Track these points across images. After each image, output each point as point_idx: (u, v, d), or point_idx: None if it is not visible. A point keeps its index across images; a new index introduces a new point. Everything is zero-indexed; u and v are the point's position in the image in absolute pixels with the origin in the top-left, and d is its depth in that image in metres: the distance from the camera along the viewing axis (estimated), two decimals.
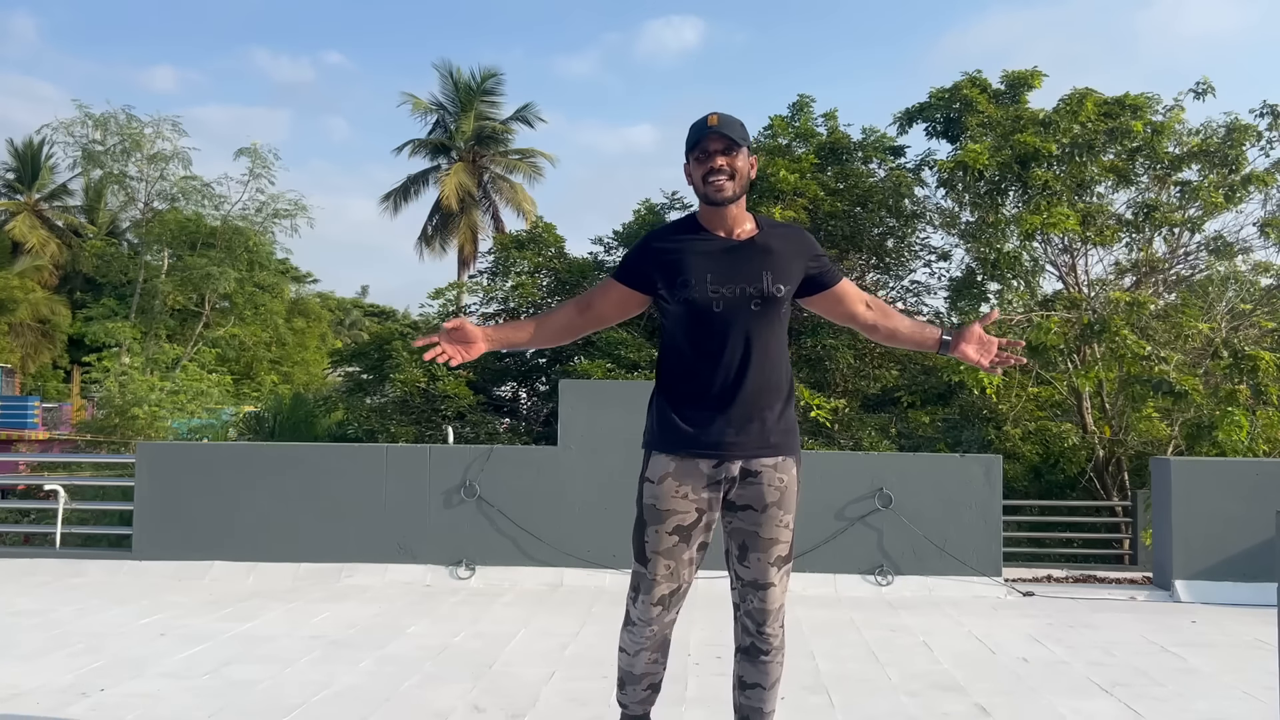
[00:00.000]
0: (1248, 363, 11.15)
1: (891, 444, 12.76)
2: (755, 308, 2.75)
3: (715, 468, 2.76)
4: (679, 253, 2.79)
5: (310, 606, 5.81)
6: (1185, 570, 6.61)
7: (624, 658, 2.94)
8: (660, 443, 2.81)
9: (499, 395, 17.92)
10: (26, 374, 38.37)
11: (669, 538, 2.76)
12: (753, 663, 2.85)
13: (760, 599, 2.79)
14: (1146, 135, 12.88)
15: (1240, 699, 4.16)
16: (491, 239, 28.95)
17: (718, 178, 2.72)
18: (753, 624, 2.81)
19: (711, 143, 2.73)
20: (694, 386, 2.78)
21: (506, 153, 39.02)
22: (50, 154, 39.24)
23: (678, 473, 2.76)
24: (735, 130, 2.74)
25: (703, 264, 2.76)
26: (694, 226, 2.85)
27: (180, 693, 3.98)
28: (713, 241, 2.80)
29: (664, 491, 2.76)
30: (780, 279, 2.78)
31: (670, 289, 2.77)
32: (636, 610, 2.84)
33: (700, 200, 2.81)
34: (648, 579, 2.79)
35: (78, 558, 7.12)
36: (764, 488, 2.76)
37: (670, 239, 2.84)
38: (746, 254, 2.78)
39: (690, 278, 2.75)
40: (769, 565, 2.77)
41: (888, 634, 5.32)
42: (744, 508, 2.78)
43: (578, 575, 6.66)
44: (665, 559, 2.77)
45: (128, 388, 19.51)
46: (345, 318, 49.46)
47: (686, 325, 2.78)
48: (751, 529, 2.77)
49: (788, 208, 13.83)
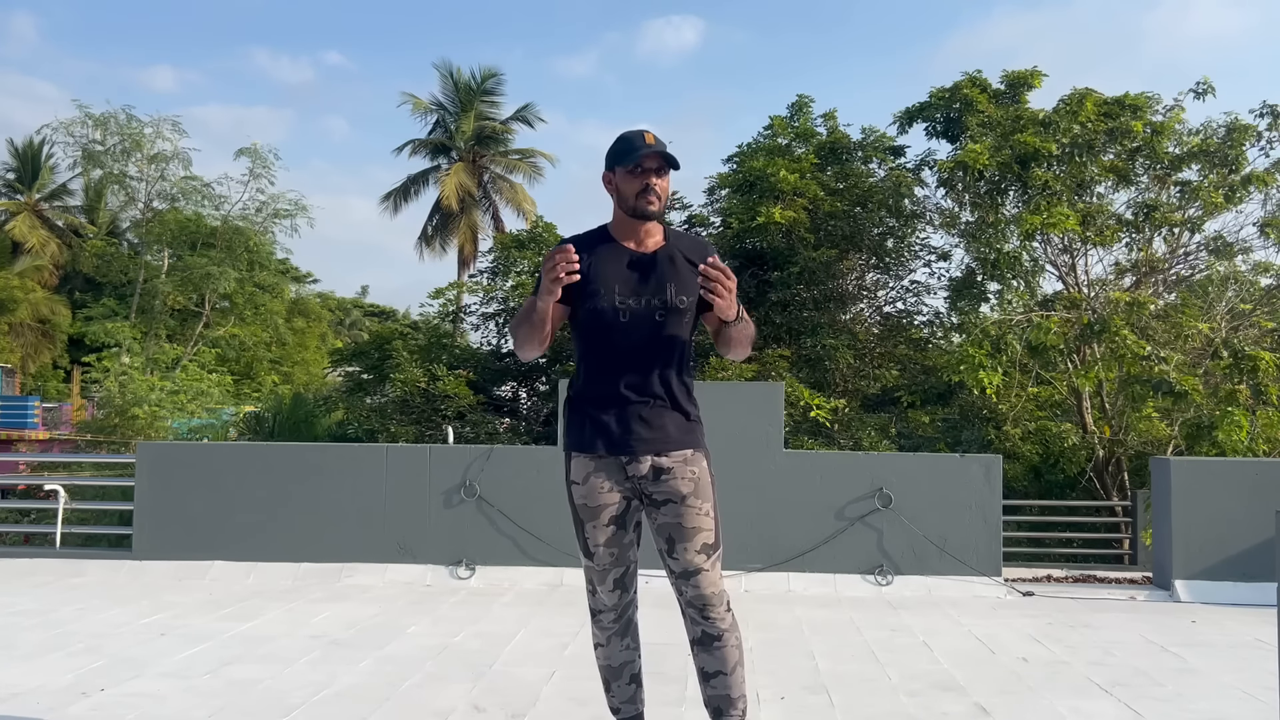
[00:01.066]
0: (1248, 363, 11.15)
1: (891, 444, 12.75)
2: (659, 318, 2.89)
3: (627, 464, 2.91)
4: (590, 265, 2.88)
5: (310, 606, 5.81)
6: (1185, 570, 6.61)
7: (600, 653, 3.09)
8: (577, 445, 2.97)
9: (499, 395, 17.90)
10: (26, 374, 38.37)
11: (606, 529, 2.93)
12: (708, 651, 2.95)
13: (694, 585, 2.89)
14: (1146, 135, 12.88)
15: (1240, 699, 4.16)
16: (491, 239, 28.97)
17: (650, 195, 2.86)
18: (696, 613, 2.92)
19: (650, 160, 2.85)
20: (603, 390, 2.93)
21: (506, 153, 39.02)
22: (50, 154, 39.32)
23: (598, 469, 2.93)
24: (669, 155, 2.86)
25: (611, 275, 2.89)
26: (605, 237, 2.97)
27: (180, 693, 3.98)
28: (622, 253, 2.92)
29: (591, 489, 2.93)
30: (683, 290, 2.91)
31: (580, 299, 2.89)
32: (596, 600, 3.02)
33: (625, 211, 2.91)
34: (598, 570, 2.97)
35: (78, 558, 7.13)
36: (679, 481, 2.90)
37: (583, 250, 2.89)
38: (652, 266, 2.91)
39: (599, 287, 2.88)
40: (696, 553, 2.89)
41: (888, 634, 5.32)
42: (665, 502, 2.91)
43: (578, 575, 6.66)
44: (609, 547, 2.94)
45: (128, 388, 19.50)
46: (345, 318, 49.45)
47: (595, 333, 2.92)
48: (675, 521, 2.90)
49: (788, 208, 13.83)
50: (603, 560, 2.95)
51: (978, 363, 11.22)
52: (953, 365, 11.66)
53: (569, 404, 3.04)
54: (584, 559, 3.00)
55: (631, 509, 2.96)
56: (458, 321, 21.11)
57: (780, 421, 7.09)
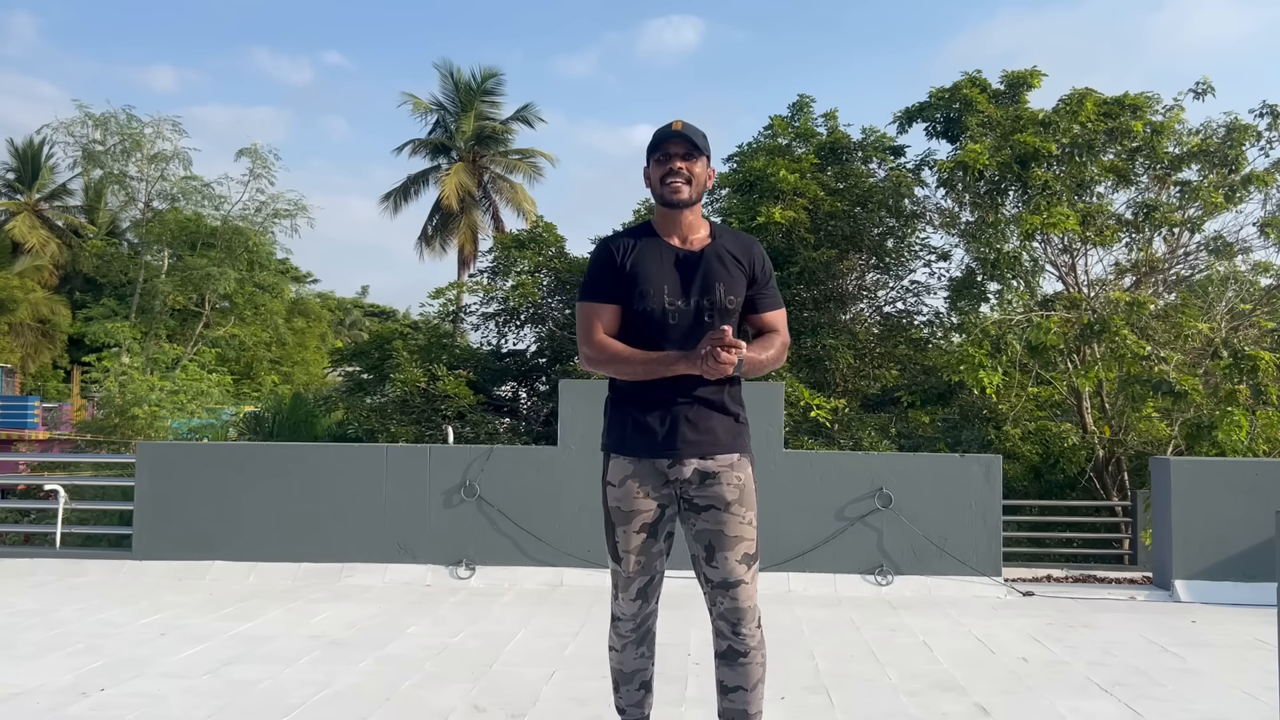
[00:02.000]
0: (1248, 363, 11.15)
1: (891, 444, 12.74)
2: (708, 319, 2.83)
3: (670, 468, 2.84)
4: (635, 262, 2.85)
5: (310, 606, 5.81)
6: (1185, 570, 6.61)
7: (614, 656, 3.03)
8: (618, 446, 2.89)
9: (499, 395, 17.90)
10: (26, 374, 38.36)
11: (637, 535, 2.85)
12: (731, 666, 2.88)
13: (732, 598, 2.82)
14: (1146, 135, 12.88)
15: (1240, 699, 4.17)
16: (491, 239, 28.95)
17: (675, 180, 2.81)
18: (727, 626, 2.85)
19: (673, 146, 2.82)
20: (648, 391, 2.84)
21: (506, 153, 39.02)
22: (50, 154, 39.28)
23: (636, 474, 2.85)
24: (698, 138, 2.82)
25: (659, 275, 2.84)
26: (648, 232, 2.92)
27: (180, 693, 3.98)
28: (667, 251, 2.87)
29: (626, 493, 2.85)
30: (732, 290, 2.86)
31: (629, 298, 2.84)
32: (618, 606, 2.95)
33: (657, 202, 2.89)
34: (624, 576, 2.89)
35: (78, 558, 7.12)
36: (724, 486, 2.84)
37: (628, 247, 2.88)
38: (700, 265, 2.85)
39: (648, 288, 2.83)
40: (737, 563, 2.82)
41: (888, 634, 5.32)
42: (707, 508, 2.84)
43: (578, 575, 6.66)
44: (637, 555, 2.86)
45: (128, 388, 19.48)
46: (345, 318, 49.43)
47: (642, 334, 2.85)
48: (717, 528, 2.83)
49: (788, 208, 13.82)
50: (630, 567, 2.87)
51: (978, 363, 11.22)
52: (953, 365, 11.66)
53: (611, 403, 2.95)
54: (611, 562, 2.93)
55: (665, 517, 2.88)
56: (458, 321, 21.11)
57: (780, 421, 7.09)
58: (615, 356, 2.83)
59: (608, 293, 2.87)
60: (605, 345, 2.85)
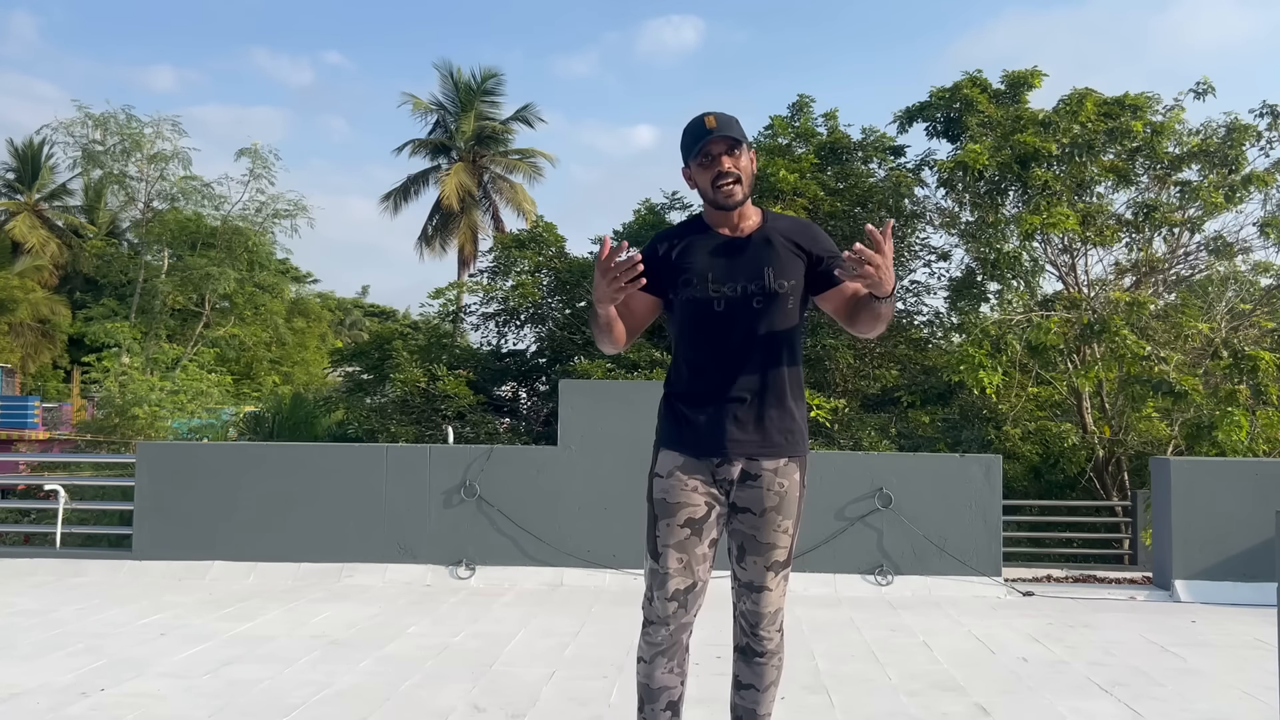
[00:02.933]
0: (1248, 363, 11.15)
1: (891, 444, 12.75)
2: (758, 305, 2.69)
3: (718, 467, 2.73)
4: (682, 252, 2.76)
5: (310, 606, 5.81)
6: (1185, 570, 6.61)
7: (641, 669, 2.82)
8: (667, 440, 2.79)
9: (499, 395, 17.90)
10: (26, 374, 38.36)
11: (680, 530, 2.70)
12: (748, 663, 2.83)
13: (754, 601, 2.76)
14: (1146, 135, 12.88)
15: (1240, 699, 4.16)
16: (491, 239, 28.96)
17: (726, 182, 2.69)
18: (747, 625, 2.80)
19: (715, 145, 2.68)
20: (697, 386, 2.75)
21: (506, 153, 39.04)
22: (50, 154, 39.25)
23: (686, 467, 2.73)
24: (735, 129, 2.68)
25: (703, 262, 2.73)
26: (699, 226, 2.83)
27: (180, 693, 3.98)
28: (715, 239, 2.77)
29: (673, 485, 2.72)
30: (783, 274, 2.71)
31: (674, 289, 2.75)
32: (652, 609, 2.75)
33: (709, 205, 2.78)
34: (660, 574, 2.72)
35: (78, 558, 7.12)
36: (763, 492, 2.72)
37: (674, 239, 2.81)
38: (748, 250, 2.74)
39: (692, 276, 2.72)
40: (765, 569, 2.74)
41: (888, 634, 5.32)
42: (743, 510, 2.74)
43: (578, 575, 6.66)
44: (678, 552, 2.70)
45: (128, 388, 19.49)
46: (345, 318, 49.42)
47: (690, 324, 2.75)
48: (750, 532, 2.73)
49: (788, 207, 13.81)
50: (668, 564, 2.70)
51: (978, 363, 11.22)
52: (953, 365, 11.65)
53: (664, 399, 2.84)
54: (648, 559, 2.76)
55: (713, 518, 2.73)
56: (458, 321, 21.12)
57: None
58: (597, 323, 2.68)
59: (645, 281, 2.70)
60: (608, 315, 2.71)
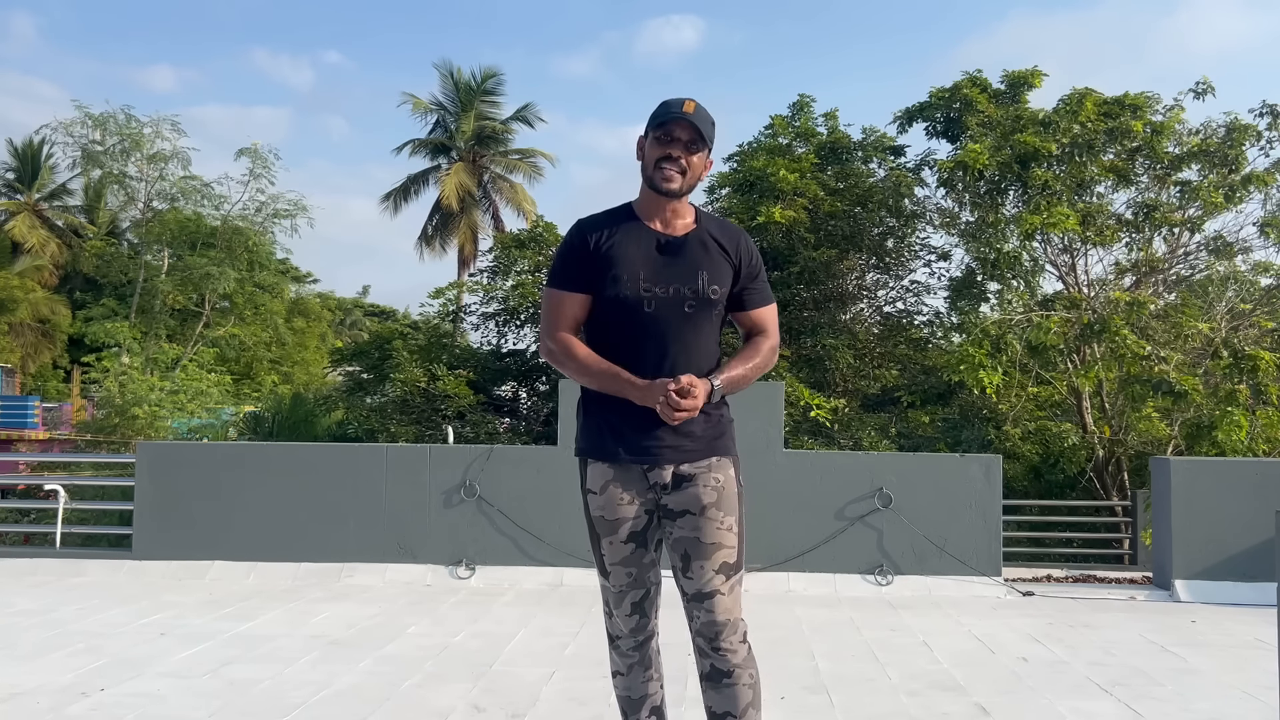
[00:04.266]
0: (1248, 363, 11.15)
1: (891, 444, 12.74)
2: (689, 309, 2.60)
3: (648, 472, 2.62)
4: (611, 246, 2.61)
5: (310, 606, 5.81)
6: (1185, 570, 6.61)
7: (619, 683, 2.77)
8: (593, 450, 2.69)
9: (499, 395, 17.91)
10: (26, 374, 38.36)
11: (625, 546, 2.64)
12: (717, 689, 2.61)
13: (707, 610, 2.57)
14: (1146, 135, 12.88)
15: (1240, 699, 4.16)
16: (491, 238, 28.97)
17: (670, 168, 2.57)
18: (705, 642, 2.59)
19: (679, 129, 2.57)
20: None
21: (506, 152, 39.04)
22: (50, 154, 39.23)
23: (618, 479, 2.64)
24: (705, 126, 2.58)
25: (635, 259, 2.60)
26: (629, 215, 2.68)
27: (180, 693, 3.98)
28: (647, 235, 2.63)
29: (610, 500, 2.64)
30: (716, 280, 2.63)
31: (601, 283, 2.60)
32: (614, 625, 2.72)
33: (645, 183, 2.64)
34: (614, 591, 2.68)
35: (78, 558, 7.12)
36: (700, 489, 2.60)
37: (603, 229, 2.65)
38: (683, 252, 2.62)
39: (622, 273, 2.58)
40: (714, 573, 2.57)
41: (888, 634, 5.32)
42: (682, 513, 2.61)
43: (578, 575, 6.66)
44: (625, 567, 2.65)
45: (128, 388, 19.49)
46: (345, 318, 49.43)
47: (615, 323, 2.62)
48: (692, 535, 2.60)
49: (788, 207, 13.82)
50: (619, 580, 2.65)
51: (978, 363, 11.22)
52: (953, 365, 11.65)
53: (583, 404, 2.74)
54: (600, 577, 2.72)
55: (654, 524, 2.67)
56: (458, 321, 21.12)
57: (780, 421, 7.09)
58: (574, 358, 2.62)
59: (576, 280, 2.63)
60: (568, 345, 2.63)
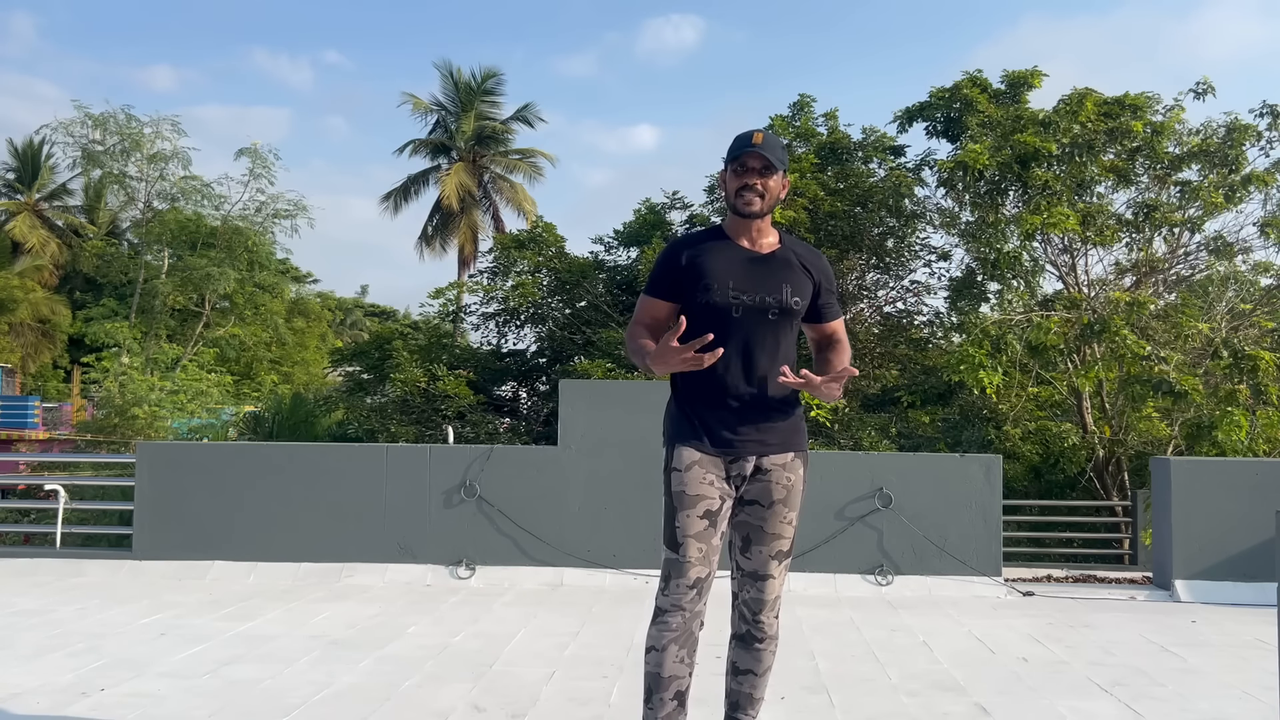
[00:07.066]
0: (1248, 363, 11.14)
1: (891, 444, 12.74)
2: (772, 317, 2.90)
3: (731, 464, 2.89)
4: (703, 259, 2.92)
5: (310, 606, 5.81)
6: (1185, 570, 6.61)
7: (651, 658, 2.88)
8: (681, 436, 2.92)
9: (499, 395, 17.92)
10: (26, 374, 38.36)
11: (700, 521, 2.83)
12: (747, 649, 3.00)
13: (758, 589, 2.94)
14: (1146, 135, 12.88)
15: (1240, 699, 4.17)
16: (491, 239, 28.97)
17: (749, 194, 2.88)
18: (749, 612, 2.96)
19: (751, 159, 2.88)
20: (711, 388, 2.90)
21: (507, 153, 39.07)
22: (50, 154, 39.29)
23: (703, 462, 2.87)
24: (775, 153, 2.89)
25: (725, 270, 2.90)
26: (719, 235, 3.00)
27: (180, 693, 3.98)
28: (737, 250, 2.94)
29: (692, 478, 2.85)
30: (798, 293, 2.94)
31: (693, 292, 2.90)
32: (668, 598, 2.85)
33: (730, 211, 2.96)
34: (680, 563, 2.83)
35: (78, 558, 7.12)
36: (772, 485, 2.91)
37: (695, 246, 2.97)
38: (769, 266, 2.93)
39: (712, 282, 2.88)
40: (770, 558, 2.92)
41: (888, 634, 5.32)
42: (751, 503, 2.91)
43: (578, 575, 6.66)
44: (697, 542, 2.83)
45: (128, 388, 19.49)
46: (345, 318, 49.44)
47: (706, 328, 2.84)
48: (757, 523, 2.92)
49: (787, 207, 13.82)
50: (689, 553, 2.82)
51: (978, 363, 11.22)
52: (953, 365, 11.65)
53: (674, 400, 2.98)
54: (667, 550, 2.86)
55: (724, 510, 2.88)
56: (458, 321, 21.14)
57: None
58: (633, 345, 2.92)
59: (665, 290, 2.95)
60: (634, 335, 2.94)
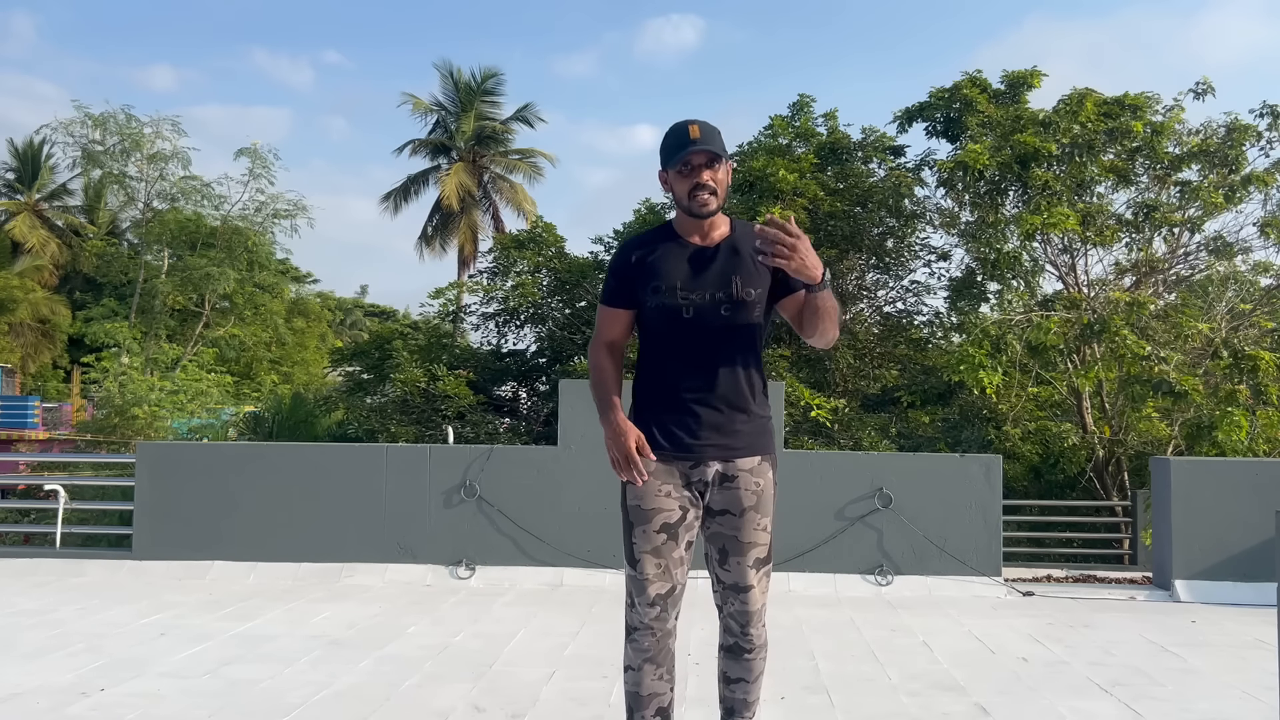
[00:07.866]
0: (1248, 363, 11.14)
1: (891, 444, 12.74)
2: (725, 312, 2.78)
3: (691, 469, 2.81)
4: (652, 260, 2.83)
5: (310, 606, 5.81)
6: (1185, 570, 6.61)
7: (629, 677, 2.87)
8: None
9: (499, 395, 17.91)
10: (26, 374, 38.36)
11: (657, 536, 2.77)
12: (736, 660, 2.92)
13: (741, 601, 2.83)
14: (1146, 135, 12.87)
15: (1240, 699, 4.17)
16: (491, 239, 28.97)
17: (702, 194, 2.77)
18: (736, 625, 2.86)
19: (695, 157, 2.75)
20: (668, 392, 2.83)
21: (506, 153, 39.07)
22: (50, 154, 39.29)
23: (659, 472, 2.80)
24: (716, 143, 2.76)
25: (673, 270, 2.81)
26: (668, 233, 2.90)
27: (180, 693, 3.98)
28: (684, 247, 2.84)
29: (646, 491, 2.79)
30: (750, 283, 2.80)
31: (644, 294, 2.82)
32: (634, 615, 2.82)
33: (683, 212, 2.84)
34: (639, 580, 2.78)
35: (78, 558, 7.12)
36: (741, 492, 2.81)
37: (645, 247, 2.88)
38: (717, 259, 2.81)
39: (661, 283, 2.80)
40: (748, 568, 2.82)
41: (888, 634, 5.32)
42: (722, 512, 2.82)
43: (578, 575, 6.66)
44: (655, 558, 2.77)
45: (127, 388, 19.49)
46: (345, 318, 49.43)
47: (658, 330, 2.84)
48: (731, 533, 2.82)
49: (787, 208, 13.81)
50: (646, 570, 2.76)
51: (978, 363, 11.21)
52: (953, 365, 11.64)
53: (633, 403, 2.91)
54: (627, 566, 2.83)
55: (687, 521, 2.80)
56: (458, 321, 21.13)
57: (780, 421, 7.10)
58: (592, 377, 2.91)
59: (621, 298, 2.88)
60: (597, 362, 2.91)
